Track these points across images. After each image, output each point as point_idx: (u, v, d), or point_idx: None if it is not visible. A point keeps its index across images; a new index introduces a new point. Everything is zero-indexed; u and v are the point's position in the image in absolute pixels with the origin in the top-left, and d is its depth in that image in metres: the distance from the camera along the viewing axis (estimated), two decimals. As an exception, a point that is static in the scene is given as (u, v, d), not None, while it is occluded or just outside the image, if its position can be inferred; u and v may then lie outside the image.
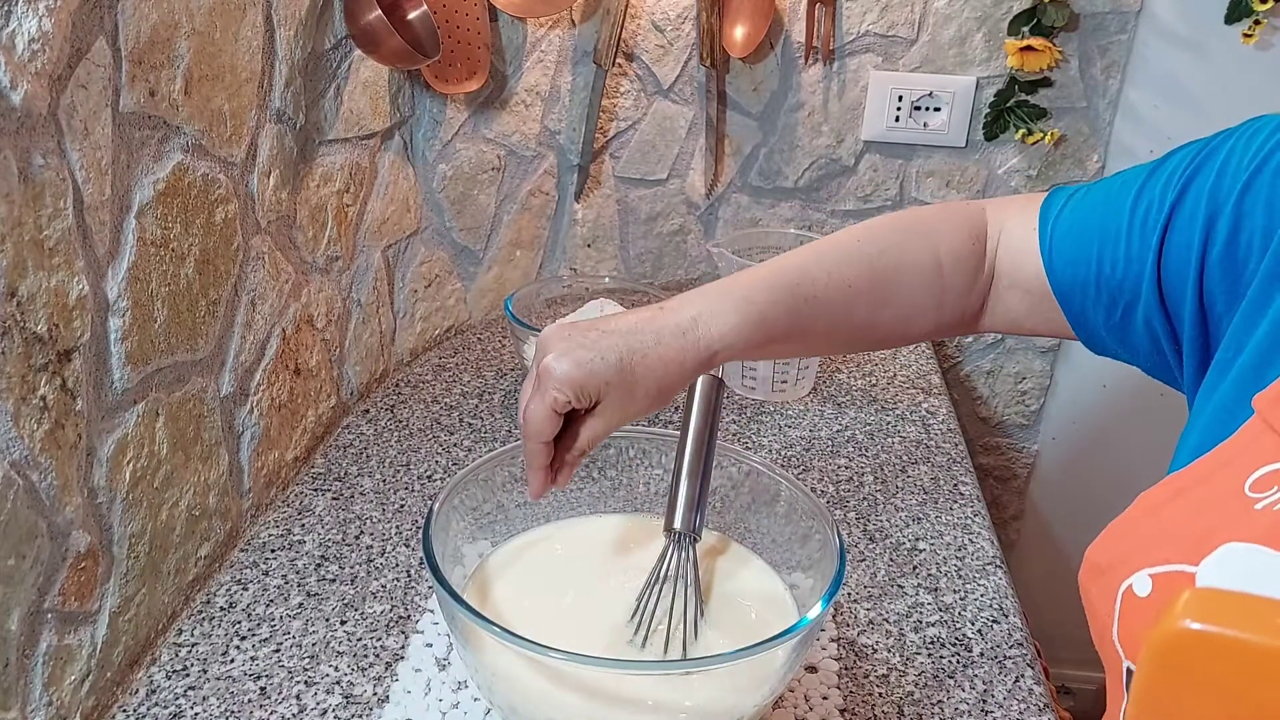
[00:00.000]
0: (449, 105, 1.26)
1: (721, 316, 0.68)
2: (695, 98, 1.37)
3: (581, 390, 0.65)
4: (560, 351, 0.65)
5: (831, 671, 0.81)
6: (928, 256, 0.74)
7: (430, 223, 1.30)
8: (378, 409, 1.18)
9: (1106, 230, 0.68)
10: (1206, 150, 0.63)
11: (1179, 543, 0.52)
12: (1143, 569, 0.53)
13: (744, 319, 0.68)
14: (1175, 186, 0.63)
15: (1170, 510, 0.55)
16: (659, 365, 0.66)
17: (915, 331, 0.78)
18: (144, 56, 0.73)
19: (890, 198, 1.41)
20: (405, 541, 0.95)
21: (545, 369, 0.65)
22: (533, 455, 0.68)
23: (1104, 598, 0.56)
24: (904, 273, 0.74)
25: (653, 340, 0.66)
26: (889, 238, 0.75)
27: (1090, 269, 0.69)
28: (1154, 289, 0.65)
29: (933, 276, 0.75)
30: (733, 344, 0.68)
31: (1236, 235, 0.59)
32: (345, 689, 0.78)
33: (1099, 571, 0.57)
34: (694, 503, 0.71)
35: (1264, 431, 0.53)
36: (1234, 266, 0.60)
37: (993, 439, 1.56)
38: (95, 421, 0.71)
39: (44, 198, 0.63)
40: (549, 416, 0.65)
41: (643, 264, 1.48)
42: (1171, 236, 0.63)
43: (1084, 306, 0.70)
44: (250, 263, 0.92)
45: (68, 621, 0.70)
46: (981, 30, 1.30)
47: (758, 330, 0.69)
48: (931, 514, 1.03)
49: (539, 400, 0.65)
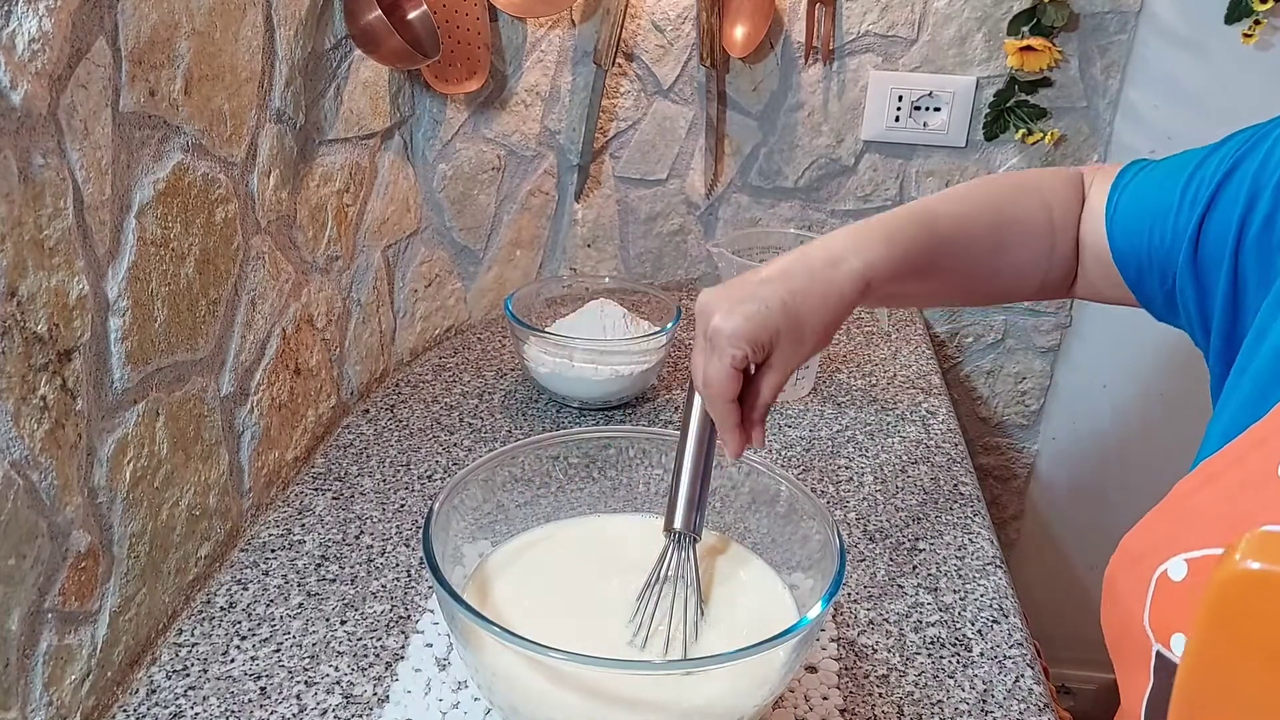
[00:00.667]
0: (449, 105, 1.26)
1: (869, 246, 0.70)
2: (695, 98, 1.37)
3: (756, 342, 0.66)
4: (726, 310, 0.66)
5: (831, 671, 0.81)
6: (1041, 212, 0.78)
7: (430, 222, 1.30)
8: (378, 409, 1.18)
9: (1160, 205, 0.71)
10: (1259, 134, 0.66)
11: (1215, 527, 0.53)
12: (1179, 554, 0.54)
13: (890, 248, 0.71)
14: (1224, 168, 0.66)
15: (1204, 495, 0.56)
16: (820, 301, 0.68)
17: (1030, 283, 0.81)
18: (144, 56, 0.73)
19: (890, 198, 1.41)
20: (405, 541, 0.95)
21: (716, 329, 0.66)
22: (723, 416, 0.69)
23: (1136, 584, 0.56)
24: (1022, 223, 0.78)
25: (808, 278, 0.68)
26: (1009, 191, 0.80)
27: (1143, 240, 0.72)
28: (1190, 262, 0.67)
29: (1046, 230, 0.78)
30: (884, 271, 0.70)
31: (1274, 218, 0.61)
32: (345, 689, 0.78)
33: (1134, 560, 0.58)
34: (694, 503, 0.72)
35: None
36: (1269, 249, 0.61)
37: (993, 439, 1.56)
38: (95, 421, 0.71)
39: (44, 198, 0.63)
40: (730, 375, 0.66)
41: (643, 264, 1.48)
42: (1213, 215, 0.66)
43: (1140, 276, 0.74)
44: (250, 262, 0.92)
45: (68, 621, 0.70)
46: (981, 30, 1.30)
47: (902, 261, 0.71)
48: (931, 514, 1.03)
49: (717, 361, 0.66)
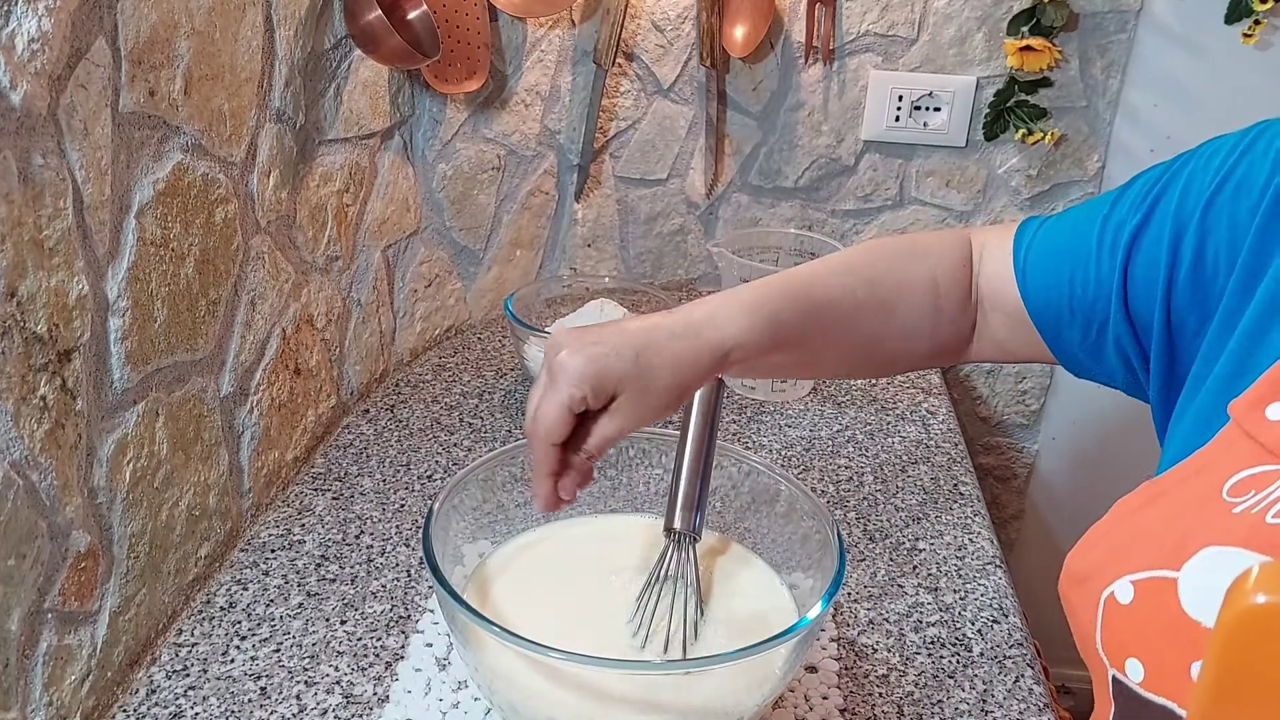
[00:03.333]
0: (449, 105, 1.26)
1: (734, 317, 0.67)
2: (695, 98, 1.37)
3: (598, 384, 0.63)
4: (574, 349, 0.64)
5: (831, 671, 0.81)
6: (925, 277, 0.76)
7: (430, 222, 1.30)
8: (378, 409, 1.18)
9: (1077, 254, 0.69)
10: (1169, 174, 0.65)
11: (1158, 548, 0.52)
12: (1124, 575, 0.53)
13: (756, 318, 0.68)
14: (1140, 209, 0.65)
15: (1147, 515, 0.56)
16: (673, 360, 0.65)
17: (917, 352, 0.79)
18: (144, 56, 0.73)
19: (890, 197, 1.41)
20: (405, 541, 0.95)
21: (559, 364, 0.63)
22: (541, 461, 0.65)
23: (1086, 605, 0.55)
24: (904, 290, 0.76)
25: (666, 336, 0.65)
26: (890, 257, 0.77)
27: (1063, 291, 0.70)
28: (1121, 308, 0.66)
29: (930, 295, 0.76)
30: (745, 344, 0.67)
31: (1203, 253, 0.61)
32: (345, 689, 0.78)
33: (1079, 580, 0.57)
34: (694, 502, 0.71)
35: (1240, 437, 0.53)
36: (1203, 284, 0.61)
37: (993, 439, 1.56)
38: (95, 421, 0.71)
39: (44, 198, 0.63)
40: (563, 416, 0.63)
41: (643, 264, 1.48)
42: (1137, 257, 0.65)
43: (1059, 329, 0.72)
44: (250, 262, 0.92)
45: (68, 621, 0.70)
46: (981, 30, 1.30)
47: (769, 332, 0.68)
48: (931, 514, 1.03)
49: (552, 398, 0.63)
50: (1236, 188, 0.60)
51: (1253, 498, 0.50)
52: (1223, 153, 0.62)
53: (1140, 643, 0.52)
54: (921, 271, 0.76)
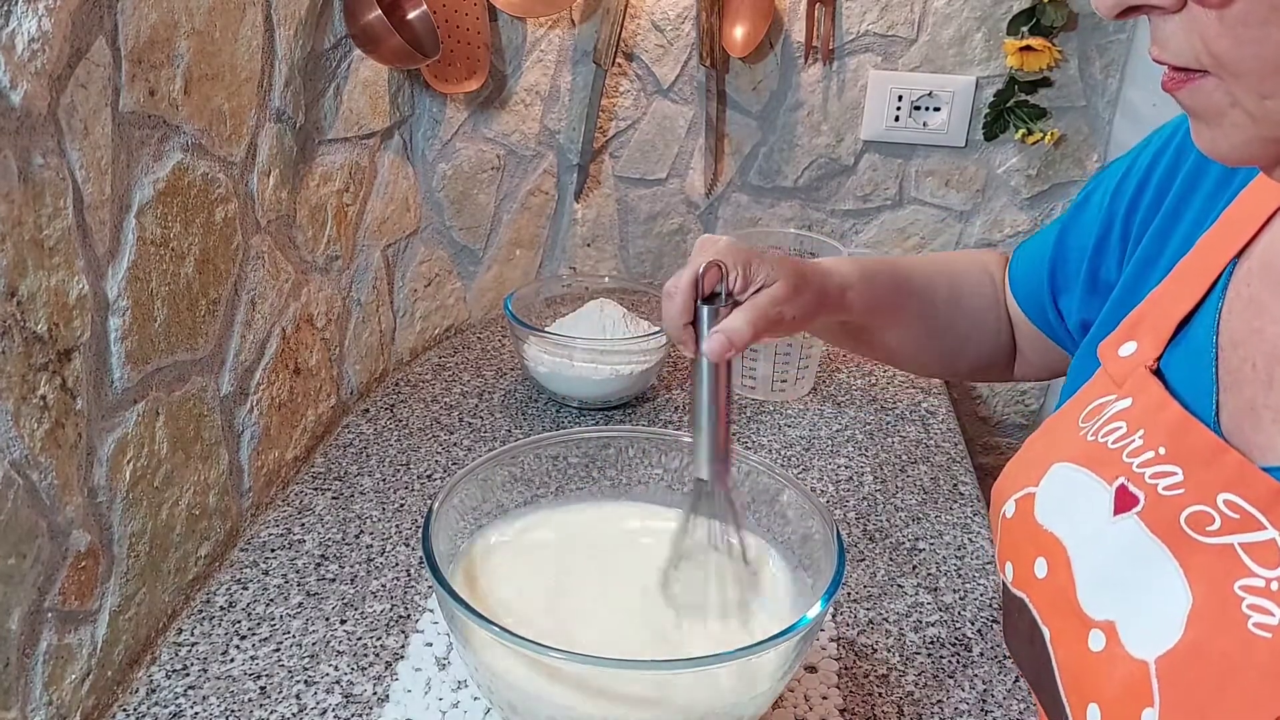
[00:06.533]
0: (449, 105, 1.26)
1: (844, 266, 0.75)
2: (695, 97, 1.37)
3: (743, 262, 0.65)
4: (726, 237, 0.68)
5: (831, 671, 0.81)
6: (985, 274, 0.84)
7: (430, 222, 1.30)
8: (377, 408, 1.18)
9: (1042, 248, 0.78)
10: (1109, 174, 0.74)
11: (1029, 469, 0.62)
12: (1012, 495, 0.62)
13: (860, 273, 0.75)
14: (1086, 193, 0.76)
15: (1034, 445, 0.65)
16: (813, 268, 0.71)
17: (985, 339, 0.84)
18: (144, 56, 0.73)
19: (890, 197, 1.41)
20: (405, 541, 0.95)
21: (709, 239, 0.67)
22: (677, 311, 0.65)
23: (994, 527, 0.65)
24: (972, 280, 0.84)
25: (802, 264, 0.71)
26: (955, 258, 0.87)
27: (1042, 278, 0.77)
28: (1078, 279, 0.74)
29: (992, 288, 0.84)
30: (858, 287, 0.74)
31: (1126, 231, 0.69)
32: (345, 688, 0.78)
33: (994, 508, 0.65)
34: (723, 453, 0.67)
35: (1101, 374, 0.62)
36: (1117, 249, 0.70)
37: (993, 439, 1.56)
38: (95, 421, 0.71)
39: (44, 197, 0.63)
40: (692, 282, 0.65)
41: (642, 263, 1.48)
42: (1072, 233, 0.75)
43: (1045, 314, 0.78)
44: (250, 262, 0.92)
45: (68, 621, 0.70)
46: (981, 30, 1.30)
47: (869, 288, 0.75)
48: (931, 514, 1.03)
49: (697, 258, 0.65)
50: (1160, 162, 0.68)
51: (1096, 423, 0.59)
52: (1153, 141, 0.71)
53: (1012, 549, 0.62)
54: (981, 270, 0.85)
